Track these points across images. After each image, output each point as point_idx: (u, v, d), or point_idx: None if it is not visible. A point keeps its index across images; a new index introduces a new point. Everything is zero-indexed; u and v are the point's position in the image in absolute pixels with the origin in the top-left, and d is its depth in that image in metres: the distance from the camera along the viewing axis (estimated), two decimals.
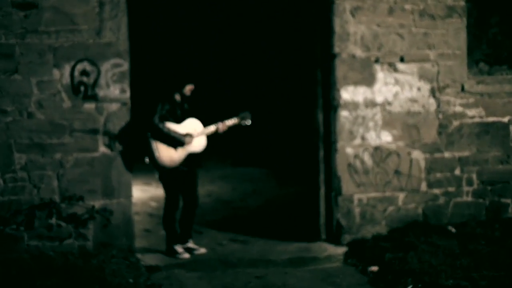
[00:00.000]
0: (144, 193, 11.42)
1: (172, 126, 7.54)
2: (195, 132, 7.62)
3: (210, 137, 7.78)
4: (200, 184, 12.23)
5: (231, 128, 7.82)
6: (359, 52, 7.94)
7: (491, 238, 7.65)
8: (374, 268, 7.12)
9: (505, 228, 7.98)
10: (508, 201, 8.42)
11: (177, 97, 7.66)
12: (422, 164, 8.15)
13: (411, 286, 6.50)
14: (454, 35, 8.17)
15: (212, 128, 7.69)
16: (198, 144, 7.67)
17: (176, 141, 7.52)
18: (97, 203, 7.52)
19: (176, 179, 7.69)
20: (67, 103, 7.43)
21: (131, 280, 6.80)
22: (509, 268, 6.69)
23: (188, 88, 7.65)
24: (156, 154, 7.47)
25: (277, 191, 11.68)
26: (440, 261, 6.97)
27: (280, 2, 13.94)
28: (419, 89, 8.10)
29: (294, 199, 10.57)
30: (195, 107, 7.82)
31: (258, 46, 16.14)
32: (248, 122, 7.81)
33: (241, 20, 16.01)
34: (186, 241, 7.91)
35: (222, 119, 7.76)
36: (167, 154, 7.52)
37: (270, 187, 12.09)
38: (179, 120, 7.60)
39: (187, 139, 7.56)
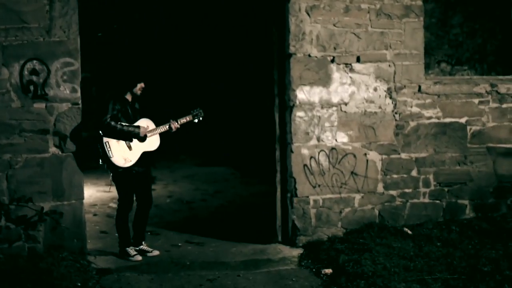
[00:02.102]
0: (105, 194, 11.27)
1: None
2: (148, 131, 7.51)
3: (177, 138, 7.67)
4: (162, 185, 12.22)
5: (198, 127, 7.71)
6: (315, 52, 7.85)
7: (447, 239, 7.61)
8: (328, 271, 7.04)
9: (461, 229, 7.95)
10: (465, 202, 8.38)
11: (128, 96, 7.54)
12: (379, 165, 8.08)
13: None
14: (411, 35, 8.08)
15: (165, 127, 7.58)
16: (152, 142, 7.56)
17: (131, 135, 7.39)
18: (47, 205, 7.38)
19: (130, 180, 7.55)
20: (16, 103, 7.28)
21: (79, 284, 6.67)
22: (463, 271, 6.64)
23: (139, 87, 7.53)
24: (110, 154, 7.34)
25: (240, 191, 11.59)
26: (394, 263, 6.91)
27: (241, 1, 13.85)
28: (375, 89, 8.02)
29: (256, 200, 10.49)
30: (146, 106, 7.70)
31: (224, 48, 16.05)
32: (200, 118, 7.73)
33: (206, 21, 15.91)
34: (140, 243, 7.79)
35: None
36: (121, 154, 7.39)
37: (233, 187, 12.00)
38: (131, 120, 7.47)
39: (141, 129, 7.42)
